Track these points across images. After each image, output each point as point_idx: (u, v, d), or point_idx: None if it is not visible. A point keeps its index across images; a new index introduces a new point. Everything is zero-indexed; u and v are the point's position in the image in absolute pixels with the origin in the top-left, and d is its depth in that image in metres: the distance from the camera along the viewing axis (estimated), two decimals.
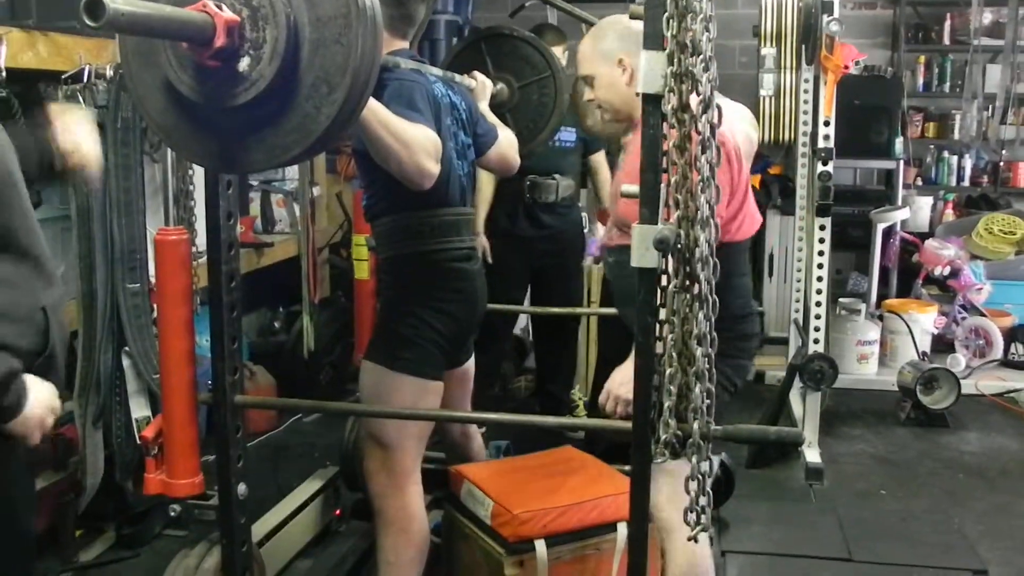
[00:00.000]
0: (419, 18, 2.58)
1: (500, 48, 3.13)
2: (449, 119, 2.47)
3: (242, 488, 2.10)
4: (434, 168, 2.22)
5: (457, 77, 2.68)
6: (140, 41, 1.61)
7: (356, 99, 1.55)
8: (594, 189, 4.46)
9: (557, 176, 3.97)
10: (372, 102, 1.94)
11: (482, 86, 2.79)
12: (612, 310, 2.60)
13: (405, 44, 2.53)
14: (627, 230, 2.33)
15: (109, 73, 2.48)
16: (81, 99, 2.47)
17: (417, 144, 2.18)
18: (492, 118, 2.75)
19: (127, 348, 2.72)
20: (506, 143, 2.73)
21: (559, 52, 4.17)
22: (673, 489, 1.83)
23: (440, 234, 2.47)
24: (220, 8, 1.44)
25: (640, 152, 1.95)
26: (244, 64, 1.47)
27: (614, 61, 2.35)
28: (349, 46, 1.48)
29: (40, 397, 1.59)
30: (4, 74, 2.06)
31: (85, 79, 2.46)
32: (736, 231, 2.25)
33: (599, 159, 4.27)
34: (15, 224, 1.59)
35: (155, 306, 2.41)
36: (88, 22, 1.23)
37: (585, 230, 4.40)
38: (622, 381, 2.19)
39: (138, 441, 2.47)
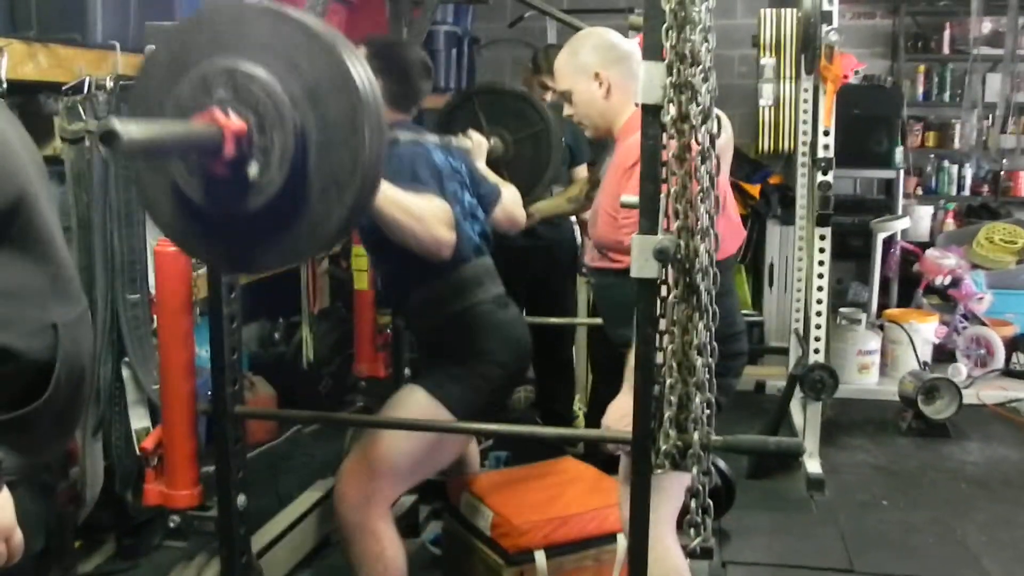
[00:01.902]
0: (424, 95, 2.62)
1: (493, 103, 3.17)
2: (453, 184, 2.49)
3: (242, 499, 2.10)
4: (450, 236, 2.27)
5: (453, 140, 2.72)
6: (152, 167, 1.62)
7: (366, 198, 1.55)
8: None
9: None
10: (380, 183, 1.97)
11: (478, 145, 2.81)
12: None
13: (407, 118, 2.57)
14: (607, 253, 2.35)
15: (109, 85, 2.48)
16: (81, 110, 2.47)
17: (430, 215, 2.22)
18: (492, 176, 2.77)
19: (127, 359, 2.71)
20: (510, 201, 2.75)
21: None
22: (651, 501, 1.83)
23: (465, 290, 2.48)
24: (227, 115, 1.44)
25: (635, 163, 1.96)
26: (253, 170, 1.46)
27: (590, 75, 2.35)
28: (357, 148, 1.47)
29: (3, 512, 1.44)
30: (5, 85, 2.06)
31: (85, 91, 2.47)
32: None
33: (581, 172, 4.27)
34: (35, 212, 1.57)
35: (155, 317, 2.41)
36: (103, 152, 1.25)
37: (578, 242, 4.39)
38: (620, 416, 2.17)
39: (138, 452, 2.46)
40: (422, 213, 2.21)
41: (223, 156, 1.44)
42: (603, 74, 2.33)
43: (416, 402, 2.46)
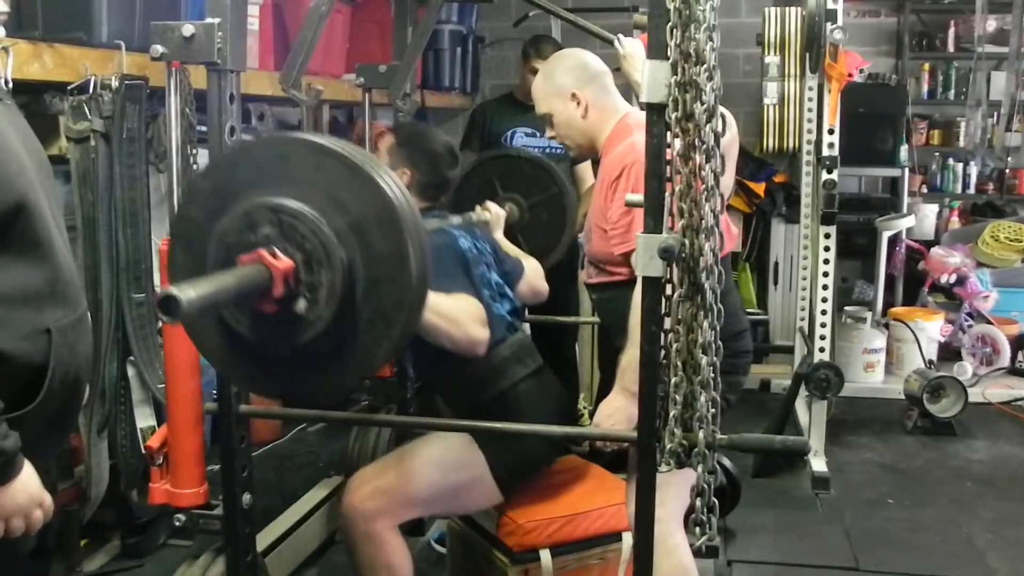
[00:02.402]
0: (451, 183, 2.67)
1: (507, 169, 3.21)
2: (481, 268, 2.50)
3: (247, 498, 2.10)
4: (484, 334, 2.29)
5: (474, 216, 2.74)
6: None
7: (412, 329, 1.55)
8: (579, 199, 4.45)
9: None
10: None
11: (496, 218, 2.84)
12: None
13: (433, 206, 2.61)
14: (602, 267, 2.36)
15: (114, 84, 2.49)
16: (87, 110, 2.48)
17: (464, 316, 2.24)
18: (512, 248, 2.79)
19: (132, 358, 2.72)
20: (532, 274, 2.78)
21: None
22: (657, 501, 1.83)
23: (502, 372, 2.48)
24: (275, 255, 1.44)
25: (619, 175, 1.96)
26: (301, 306, 1.47)
27: (567, 96, 2.40)
28: (404, 285, 1.47)
29: (28, 484, 1.52)
30: (11, 85, 2.06)
31: (91, 90, 2.47)
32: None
33: (585, 168, 4.26)
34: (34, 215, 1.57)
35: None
36: (165, 319, 1.26)
37: (578, 241, 4.38)
38: (608, 414, 2.21)
39: (143, 451, 2.47)
40: (455, 315, 2.24)
41: (272, 296, 1.45)
42: (579, 94, 2.39)
43: (459, 440, 2.45)
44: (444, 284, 2.24)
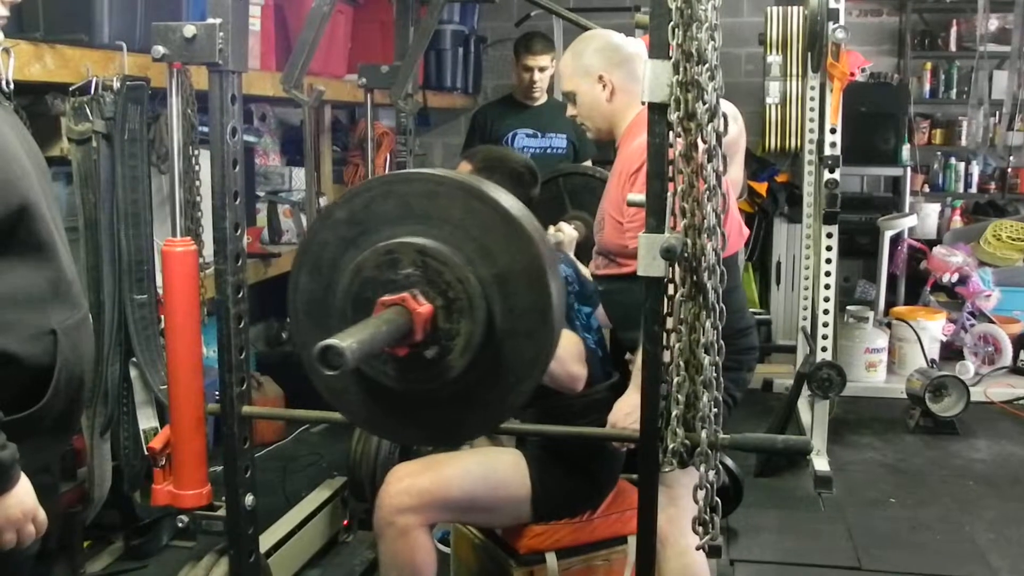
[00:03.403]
0: (534, 203, 2.55)
1: (578, 186, 3.15)
2: (571, 297, 2.45)
3: (250, 499, 2.09)
4: (583, 371, 2.27)
5: (550, 238, 2.65)
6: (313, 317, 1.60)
7: (538, 382, 1.52)
8: None
9: None
10: None
11: (569, 240, 2.79)
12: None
13: None
14: (613, 258, 2.34)
15: (116, 85, 2.49)
16: (88, 111, 2.48)
17: (565, 354, 2.19)
18: (582, 269, 2.71)
19: (134, 359, 2.72)
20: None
21: (548, 62, 4.18)
22: (665, 499, 1.82)
23: (590, 413, 2.39)
24: (417, 300, 1.41)
25: (639, 168, 1.95)
26: (431, 353, 1.44)
27: (594, 77, 2.34)
28: (541, 343, 1.44)
29: (23, 498, 1.51)
30: (12, 86, 2.06)
31: (92, 91, 2.47)
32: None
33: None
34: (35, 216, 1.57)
35: (162, 317, 2.41)
36: (327, 373, 1.25)
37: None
38: (626, 412, 2.18)
39: (145, 452, 2.47)
40: (559, 352, 2.20)
41: (411, 342, 1.42)
42: (607, 77, 2.33)
43: (509, 457, 2.44)
44: None
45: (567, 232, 2.80)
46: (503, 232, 1.43)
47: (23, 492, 1.51)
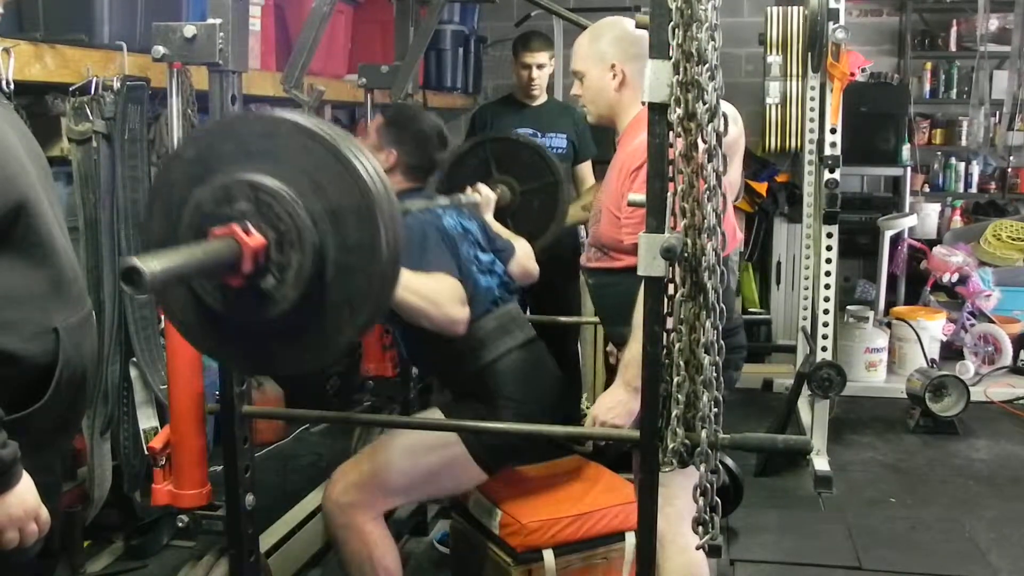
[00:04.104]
0: (440, 165, 2.66)
1: (505, 152, 3.20)
2: (465, 245, 2.49)
3: (250, 498, 2.10)
4: (463, 313, 2.28)
5: (463, 198, 2.73)
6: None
7: (376, 319, 1.56)
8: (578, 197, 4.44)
9: None
10: None
11: (486, 200, 2.84)
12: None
13: (421, 185, 2.59)
14: (606, 252, 2.34)
15: (116, 85, 2.49)
16: (88, 111, 2.48)
17: (443, 296, 2.23)
18: (503, 231, 2.78)
19: (135, 359, 2.72)
20: (523, 255, 2.76)
21: (546, 59, 4.18)
22: (665, 499, 1.82)
23: (488, 342, 2.46)
24: (247, 232, 1.44)
25: (641, 165, 1.94)
26: (268, 283, 1.47)
27: (607, 64, 2.32)
28: (373, 275, 1.47)
29: (25, 497, 1.51)
30: (12, 86, 2.06)
31: (92, 91, 2.47)
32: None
33: (586, 169, 4.26)
34: (33, 214, 1.57)
35: (163, 317, 2.41)
36: (129, 290, 1.25)
37: (581, 239, 4.38)
38: (609, 406, 2.18)
39: (146, 452, 2.47)
40: (435, 296, 2.23)
41: (240, 273, 1.44)
42: (619, 66, 2.31)
43: (442, 442, 2.43)
44: (424, 263, 2.24)
45: (484, 192, 2.84)
46: (334, 168, 1.46)
47: (25, 491, 1.51)
